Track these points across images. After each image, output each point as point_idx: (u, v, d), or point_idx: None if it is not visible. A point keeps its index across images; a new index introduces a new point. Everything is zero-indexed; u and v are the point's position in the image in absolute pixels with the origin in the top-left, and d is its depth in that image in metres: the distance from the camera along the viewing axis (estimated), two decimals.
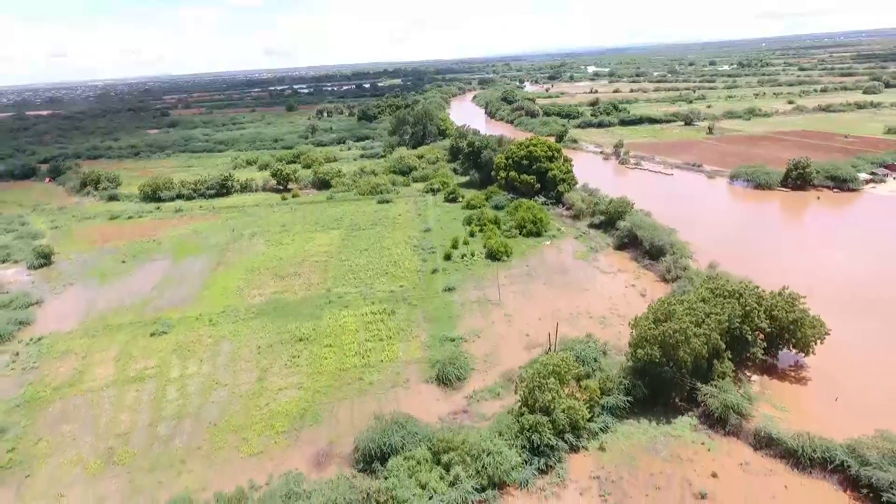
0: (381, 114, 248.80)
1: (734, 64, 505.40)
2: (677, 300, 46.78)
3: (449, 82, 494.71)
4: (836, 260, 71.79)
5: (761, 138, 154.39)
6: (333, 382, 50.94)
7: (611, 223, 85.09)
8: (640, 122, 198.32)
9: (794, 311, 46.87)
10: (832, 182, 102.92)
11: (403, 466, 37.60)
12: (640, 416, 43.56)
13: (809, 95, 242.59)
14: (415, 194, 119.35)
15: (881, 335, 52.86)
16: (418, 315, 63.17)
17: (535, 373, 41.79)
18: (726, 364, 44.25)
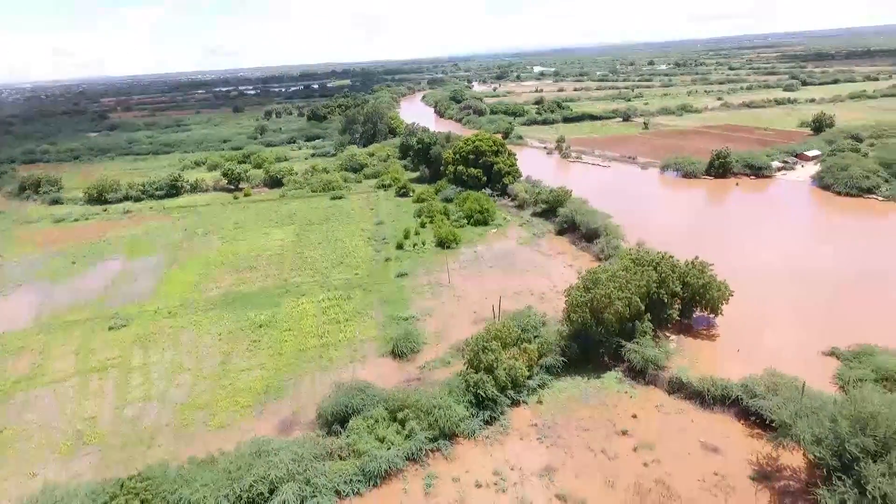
0: (331, 114, 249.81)
1: (671, 64, 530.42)
2: (603, 270, 52.75)
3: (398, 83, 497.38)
4: (744, 235, 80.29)
5: (691, 132, 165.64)
6: (294, 361, 54.26)
7: (552, 211, 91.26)
8: (582, 119, 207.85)
9: (704, 276, 53.62)
10: (749, 170, 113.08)
11: (363, 425, 41.59)
12: (573, 373, 49.08)
13: (736, 93, 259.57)
14: (367, 190, 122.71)
15: (775, 295, 60.58)
16: (373, 299, 67.04)
17: (479, 337, 46.66)
18: (647, 324, 50.36)
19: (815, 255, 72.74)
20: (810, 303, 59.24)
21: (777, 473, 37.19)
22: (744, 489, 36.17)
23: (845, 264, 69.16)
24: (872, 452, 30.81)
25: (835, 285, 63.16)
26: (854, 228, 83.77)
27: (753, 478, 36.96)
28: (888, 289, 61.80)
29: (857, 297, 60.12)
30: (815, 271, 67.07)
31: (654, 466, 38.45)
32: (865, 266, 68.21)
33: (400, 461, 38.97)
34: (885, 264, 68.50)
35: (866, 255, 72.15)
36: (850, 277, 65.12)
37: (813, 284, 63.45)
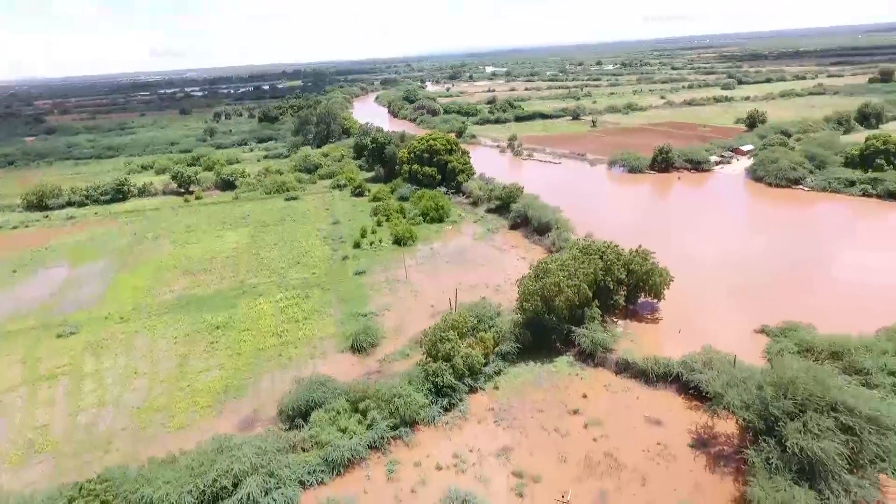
0: (283, 115, 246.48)
1: (618, 64, 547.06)
2: (553, 260, 55.29)
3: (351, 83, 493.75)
4: (686, 225, 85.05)
5: (636, 129, 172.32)
6: (253, 361, 54.40)
7: (505, 207, 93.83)
8: (533, 117, 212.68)
9: (647, 264, 56.91)
10: (690, 164, 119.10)
11: (325, 417, 42.47)
12: (527, 359, 51.30)
13: (678, 91, 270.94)
14: (322, 191, 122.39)
15: (712, 280, 64.75)
16: (331, 297, 67.62)
17: (436, 328, 48.25)
18: (595, 310, 53.12)
19: (748, 243, 77.82)
20: (744, 286, 63.51)
21: (713, 440, 40.34)
22: (683, 456, 39.10)
23: (775, 250, 74.40)
24: (791, 413, 34.07)
25: (766, 269, 67.93)
26: (783, 217, 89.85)
27: (692, 445, 40.00)
28: (812, 271, 67.02)
29: (785, 279, 64.91)
30: (749, 257, 71.94)
31: (602, 441, 40.98)
32: (793, 251, 73.57)
33: (362, 449, 40.11)
34: (810, 249, 74.08)
35: (794, 241, 77.72)
36: (780, 262, 70.15)
37: (746, 269, 68.06)
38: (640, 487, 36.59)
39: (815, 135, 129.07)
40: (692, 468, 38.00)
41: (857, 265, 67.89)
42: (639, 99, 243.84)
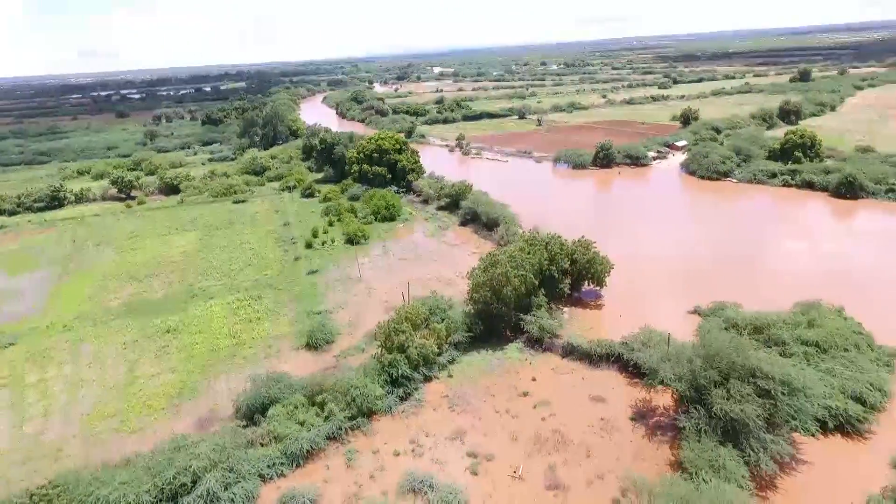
0: (228, 117, 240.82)
1: (561, 64, 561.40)
2: (501, 251, 57.71)
3: (297, 84, 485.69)
4: (626, 217, 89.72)
5: (580, 127, 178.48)
6: (207, 362, 54.18)
7: (455, 204, 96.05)
8: (481, 117, 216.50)
9: (589, 253, 60.17)
10: (630, 160, 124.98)
11: (283, 412, 43.11)
12: (479, 347, 53.45)
13: (619, 91, 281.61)
14: (271, 193, 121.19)
15: (651, 267, 68.95)
16: (285, 297, 67.80)
17: (390, 320, 49.66)
18: (541, 298, 55.86)
19: (683, 232, 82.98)
20: (680, 271, 67.91)
21: (651, 412, 43.57)
22: (624, 428, 42.10)
23: (708, 238, 79.75)
24: (717, 381, 37.48)
25: (700, 256, 72.85)
26: (714, 207, 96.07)
27: (632, 418, 43.09)
28: (740, 256, 72.27)
29: (717, 264, 69.81)
30: (684, 245, 76.86)
31: (550, 419, 43.51)
32: (723, 238, 79.08)
33: (321, 441, 41.10)
34: (738, 236, 79.74)
35: (724, 229, 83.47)
36: (712, 248, 75.35)
37: (682, 256, 72.74)
38: (586, 459, 39.25)
39: (741, 130, 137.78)
40: (632, 439, 41.00)
41: (779, 248, 73.87)
42: (582, 98, 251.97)
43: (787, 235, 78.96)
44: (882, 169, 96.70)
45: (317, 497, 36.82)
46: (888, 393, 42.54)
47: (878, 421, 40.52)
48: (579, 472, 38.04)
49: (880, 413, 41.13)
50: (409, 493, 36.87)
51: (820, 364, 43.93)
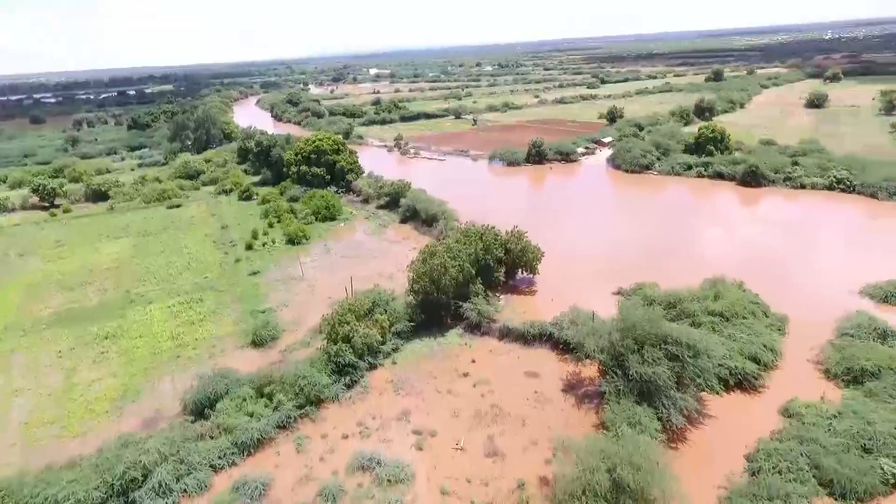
0: (156, 121, 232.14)
1: (496, 65, 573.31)
2: (439, 243, 60.69)
3: (228, 87, 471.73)
4: (557, 208, 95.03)
5: (514, 126, 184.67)
6: (150, 365, 54.04)
7: (395, 202, 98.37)
8: (418, 117, 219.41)
9: (521, 242, 64.17)
10: (560, 156, 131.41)
11: (231, 405, 44.18)
12: (421, 335, 56.12)
13: (550, 90, 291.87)
14: (206, 197, 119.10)
15: (580, 255, 74.01)
16: (227, 298, 67.99)
17: (334, 312, 51.57)
18: (478, 286, 59.20)
19: (610, 220, 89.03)
20: (607, 257, 73.11)
21: (580, 384, 47.69)
22: (556, 399, 45.98)
23: (632, 225, 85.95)
24: (632, 349, 41.88)
25: (625, 242, 78.53)
26: (637, 197, 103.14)
27: (563, 390, 47.06)
28: (661, 241, 78.58)
29: (640, 249, 75.52)
30: (611, 233, 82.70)
31: (489, 396, 46.80)
32: (646, 225, 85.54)
33: (271, 429, 42.52)
34: (658, 223, 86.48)
35: (647, 217, 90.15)
36: (636, 235, 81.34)
37: (609, 243, 78.28)
38: (521, 428, 42.76)
39: (661, 127, 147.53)
40: (563, 408, 44.91)
41: (694, 233, 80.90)
42: (515, 98, 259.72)
43: (700, 221, 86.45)
44: (781, 160, 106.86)
45: (269, 481, 38.39)
46: (779, 353, 48.67)
47: (771, 377, 46.37)
48: (515, 440, 41.50)
49: (773, 370, 47.06)
50: (359, 470, 39.09)
51: (723, 331, 49.53)
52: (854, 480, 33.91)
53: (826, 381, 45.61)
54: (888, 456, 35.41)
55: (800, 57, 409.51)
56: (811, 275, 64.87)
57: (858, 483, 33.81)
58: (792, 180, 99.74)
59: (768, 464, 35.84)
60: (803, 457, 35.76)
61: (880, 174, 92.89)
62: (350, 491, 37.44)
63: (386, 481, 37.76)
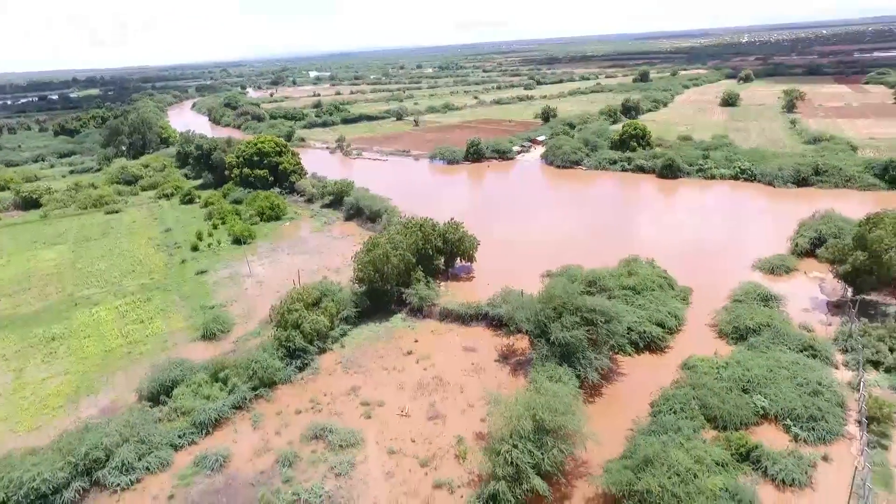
0: (85, 127, 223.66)
1: (436, 67, 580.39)
2: (381, 235, 64.87)
3: (161, 91, 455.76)
4: (494, 202, 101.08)
5: (454, 127, 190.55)
6: (102, 361, 55.49)
7: (338, 201, 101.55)
8: (360, 119, 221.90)
9: (458, 232, 69.21)
10: (497, 154, 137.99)
11: (187, 391, 46.84)
12: (367, 321, 60.19)
13: (489, 92, 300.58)
14: (146, 202, 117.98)
15: (514, 243, 79.90)
16: (175, 297, 69.57)
17: (284, 301, 54.87)
18: (419, 274, 63.77)
19: (542, 212, 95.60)
20: (538, 244, 79.12)
21: (512, 354, 53.13)
22: (491, 369, 51.16)
23: (563, 215, 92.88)
24: (553, 318, 47.57)
25: (555, 230, 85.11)
26: (568, 191, 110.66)
27: (497, 360, 52.36)
28: (587, 228, 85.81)
29: (568, 236, 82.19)
30: (543, 223, 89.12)
31: (431, 369, 51.45)
32: (575, 215, 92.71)
33: (227, 410, 45.55)
34: (586, 213, 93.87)
35: (576, 207, 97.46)
36: (566, 224, 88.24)
37: (541, 232, 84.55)
38: (460, 394, 47.64)
39: (591, 125, 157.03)
40: (497, 375, 50.14)
41: (617, 220, 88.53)
42: (455, 99, 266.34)
43: (622, 210, 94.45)
44: (695, 153, 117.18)
45: (228, 454, 41.57)
46: (683, 319, 55.87)
47: (675, 339, 53.40)
48: (454, 405, 46.36)
49: (677, 333, 54.12)
50: (313, 439, 42.86)
51: (635, 301, 56.24)
52: (733, 414, 40.75)
53: (719, 339, 53.06)
54: (760, 394, 42.54)
55: (719, 59, 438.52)
56: (714, 253, 73.33)
57: (736, 416, 40.67)
58: (703, 172, 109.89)
59: (666, 406, 42.25)
60: (695, 399, 42.31)
61: (776, 164, 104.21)
62: (305, 457, 41.17)
63: (338, 446, 41.74)
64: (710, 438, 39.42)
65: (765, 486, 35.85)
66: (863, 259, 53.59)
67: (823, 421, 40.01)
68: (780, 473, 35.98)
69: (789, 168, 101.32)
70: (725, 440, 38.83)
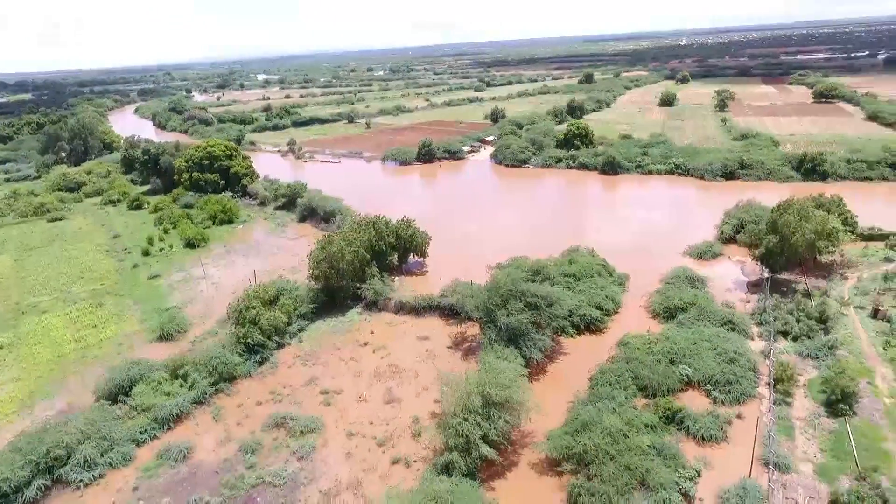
0: (19, 133, 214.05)
1: (387, 70, 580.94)
2: (336, 233, 66.93)
3: (100, 95, 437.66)
4: (446, 199, 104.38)
5: (405, 129, 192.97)
6: (55, 367, 55.33)
7: (292, 203, 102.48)
8: (311, 122, 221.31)
9: (411, 229, 71.99)
10: (449, 154, 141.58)
11: (147, 388, 47.72)
12: (325, 316, 62.20)
13: (440, 94, 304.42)
14: (92, 208, 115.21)
15: (465, 238, 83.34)
16: (128, 301, 69.42)
17: (240, 299, 56.25)
18: (374, 270, 66.17)
19: (492, 208, 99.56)
20: (488, 238, 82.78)
21: (463, 341, 56.30)
22: (444, 355, 54.18)
23: (511, 210, 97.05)
24: (500, 304, 51.01)
25: (504, 224, 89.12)
26: (516, 188, 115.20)
27: (449, 347, 55.47)
28: (535, 221, 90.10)
29: (516, 229, 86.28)
30: (492, 217, 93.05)
31: (387, 358, 54.04)
32: (523, 210, 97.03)
33: (188, 405, 46.79)
34: (533, 208, 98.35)
35: (524, 203, 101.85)
36: (514, 218, 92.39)
37: (490, 226, 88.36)
38: (415, 379, 50.46)
39: (538, 125, 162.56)
40: (450, 360, 53.16)
41: (561, 214, 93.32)
42: (406, 101, 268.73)
43: (567, 205, 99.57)
44: (635, 151, 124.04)
45: (191, 447, 42.94)
46: (619, 302, 60.53)
47: (613, 320, 57.91)
48: (410, 389, 49.14)
49: (614, 315, 58.68)
50: (274, 427, 44.74)
51: (576, 288, 60.44)
52: (661, 383, 45.19)
53: (652, 319, 57.88)
54: (685, 364, 47.20)
55: (659, 61, 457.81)
56: (650, 241, 78.73)
57: (664, 384, 45.13)
58: (642, 168, 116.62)
59: (603, 379, 46.33)
60: (628, 372, 46.55)
61: (707, 160, 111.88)
62: (267, 444, 43.04)
63: (299, 432, 43.79)
64: (641, 405, 43.68)
65: (688, 442, 40.26)
66: (774, 242, 59.61)
67: (738, 385, 44.98)
68: (700, 431, 40.53)
69: (718, 163, 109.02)
70: (654, 405, 43.21)
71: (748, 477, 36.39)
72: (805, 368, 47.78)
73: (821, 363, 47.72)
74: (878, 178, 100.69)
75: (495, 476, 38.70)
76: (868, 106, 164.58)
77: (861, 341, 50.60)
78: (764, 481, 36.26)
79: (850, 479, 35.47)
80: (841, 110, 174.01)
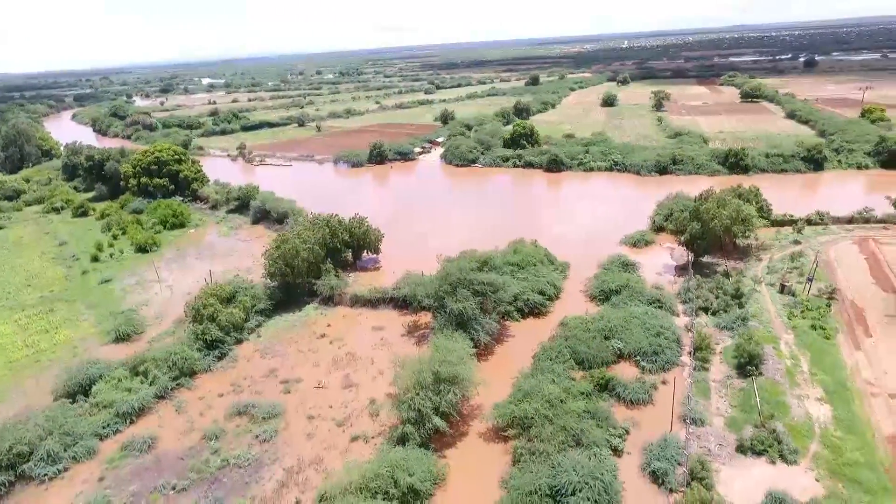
0: None
1: (336, 73, 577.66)
2: (290, 232, 69.01)
3: (32, 101, 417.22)
4: (399, 199, 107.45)
5: (356, 131, 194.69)
6: (6, 373, 55.26)
7: (244, 206, 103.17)
8: (261, 126, 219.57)
9: (363, 226, 74.76)
10: (400, 156, 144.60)
11: (107, 386, 48.77)
12: (282, 312, 64.25)
13: (390, 97, 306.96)
14: (33, 217, 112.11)
15: (417, 233, 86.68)
16: (80, 306, 69.27)
17: (197, 297, 57.71)
18: (329, 266, 68.59)
19: (442, 206, 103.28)
20: (439, 233, 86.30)
21: (416, 330, 59.58)
22: (398, 343, 57.32)
23: (461, 207, 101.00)
24: (449, 292, 54.63)
25: (454, 220, 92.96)
26: (466, 186, 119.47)
27: (403, 335, 58.68)
28: (483, 216, 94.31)
29: (466, 224, 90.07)
30: (443, 214, 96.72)
31: (343, 348, 56.73)
32: (472, 206, 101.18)
33: (149, 400, 48.16)
34: (482, 205, 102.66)
35: (473, 200, 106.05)
36: (463, 214, 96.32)
37: (441, 223, 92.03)
38: (371, 365, 53.42)
39: (486, 126, 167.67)
40: (404, 347, 56.33)
41: (508, 210, 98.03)
42: (357, 104, 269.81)
43: (513, 201, 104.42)
44: (577, 149, 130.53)
45: (155, 437, 44.51)
46: (561, 288, 65.27)
47: (554, 305, 62.50)
48: (366, 374, 52.07)
49: (556, 300, 63.30)
50: (236, 416, 46.80)
51: (519, 276, 64.74)
52: (596, 357, 49.85)
53: (590, 301, 62.80)
54: (618, 339, 52.07)
55: (602, 63, 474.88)
56: (590, 232, 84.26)
57: (598, 358, 49.80)
58: (584, 165, 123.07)
59: (545, 356, 50.61)
60: (567, 348, 51.01)
61: (643, 156, 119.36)
62: (230, 431, 45.10)
63: (261, 419, 46.05)
64: (578, 377, 48.15)
65: (619, 406, 44.92)
66: (697, 228, 65.75)
67: (663, 354, 50.17)
68: (629, 396, 45.31)
69: (653, 159, 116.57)
70: (590, 376, 47.75)
71: (669, 432, 41.28)
72: (721, 338, 53.57)
73: (735, 333, 53.59)
74: (793, 170, 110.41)
75: (447, 446, 42.21)
76: (787, 105, 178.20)
77: (769, 313, 57.01)
78: (683, 435, 41.21)
79: (753, 428, 40.86)
80: (764, 109, 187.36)
